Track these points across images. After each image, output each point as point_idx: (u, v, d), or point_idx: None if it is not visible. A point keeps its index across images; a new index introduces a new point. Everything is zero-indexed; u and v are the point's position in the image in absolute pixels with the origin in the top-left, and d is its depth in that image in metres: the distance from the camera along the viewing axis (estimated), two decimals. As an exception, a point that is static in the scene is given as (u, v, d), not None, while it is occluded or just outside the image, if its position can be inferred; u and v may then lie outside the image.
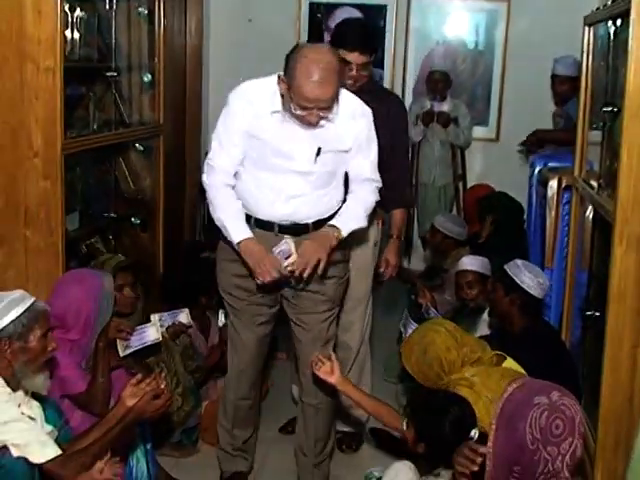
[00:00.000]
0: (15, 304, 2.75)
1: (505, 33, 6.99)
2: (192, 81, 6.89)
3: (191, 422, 4.09)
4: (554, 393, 2.55)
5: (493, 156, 7.13)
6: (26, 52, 3.59)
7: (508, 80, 7.05)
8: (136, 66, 4.82)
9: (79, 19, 4.10)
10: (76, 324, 3.41)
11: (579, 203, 4.36)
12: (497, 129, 7.17)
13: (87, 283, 3.46)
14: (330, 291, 3.54)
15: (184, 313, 4.14)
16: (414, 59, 7.15)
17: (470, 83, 7.17)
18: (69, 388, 3.35)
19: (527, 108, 6.82)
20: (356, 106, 3.38)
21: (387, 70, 7.16)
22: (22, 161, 3.69)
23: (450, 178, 6.89)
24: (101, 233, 4.59)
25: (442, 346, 3.25)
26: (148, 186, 4.93)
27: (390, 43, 7.12)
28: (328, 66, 3.10)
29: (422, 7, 7.05)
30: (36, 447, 2.71)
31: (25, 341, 2.77)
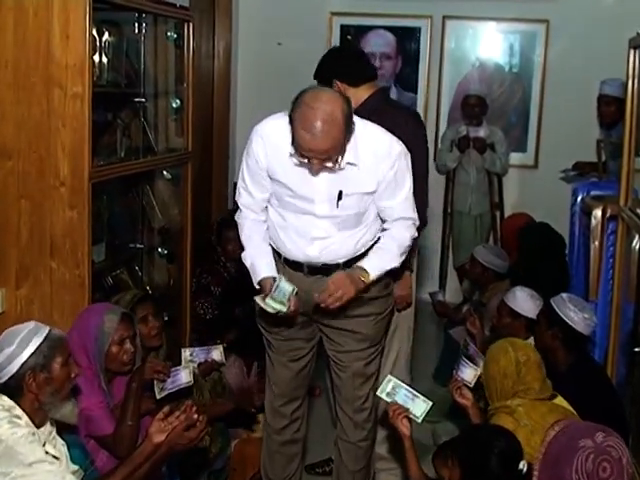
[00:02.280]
0: (32, 335, 2.71)
1: (544, 56, 6.87)
2: (219, 106, 6.83)
3: (219, 464, 3.99)
4: (599, 434, 2.51)
5: (531, 184, 7.01)
6: (54, 78, 3.49)
7: (547, 104, 6.92)
8: (164, 91, 4.73)
9: (107, 43, 4.00)
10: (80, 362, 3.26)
11: (625, 233, 4.26)
12: (535, 155, 7.03)
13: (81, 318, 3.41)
14: (367, 329, 3.44)
15: (218, 350, 4.02)
16: (449, 83, 7.05)
17: (507, 108, 7.05)
18: (96, 429, 3.26)
19: (567, 133, 6.73)
20: (380, 145, 3.18)
21: (421, 95, 7.08)
22: (48, 190, 3.59)
23: (487, 206, 6.75)
24: (127, 264, 4.48)
25: (501, 370, 3.27)
26: (176, 215, 4.82)
27: (424, 67, 7.04)
28: (327, 117, 2.91)
29: (457, 29, 6.96)
30: None
31: (49, 371, 2.72)
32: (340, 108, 2.96)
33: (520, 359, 3.25)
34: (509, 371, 3.23)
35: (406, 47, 7.01)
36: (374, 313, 3.43)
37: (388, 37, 6.99)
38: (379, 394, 3.24)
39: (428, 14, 6.90)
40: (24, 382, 2.66)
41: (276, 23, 6.94)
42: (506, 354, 3.28)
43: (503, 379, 3.24)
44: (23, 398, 2.68)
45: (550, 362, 3.80)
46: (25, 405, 2.69)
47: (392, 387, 3.22)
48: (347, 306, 3.27)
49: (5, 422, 2.61)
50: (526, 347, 3.40)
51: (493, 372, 3.29)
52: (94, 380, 3.30)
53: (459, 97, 6.85)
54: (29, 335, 2.70)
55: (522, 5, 6.79)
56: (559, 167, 6.39)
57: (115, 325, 3.39)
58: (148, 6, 4.15)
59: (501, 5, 6.84)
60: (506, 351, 3.29)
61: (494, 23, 6.96)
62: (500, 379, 3.25)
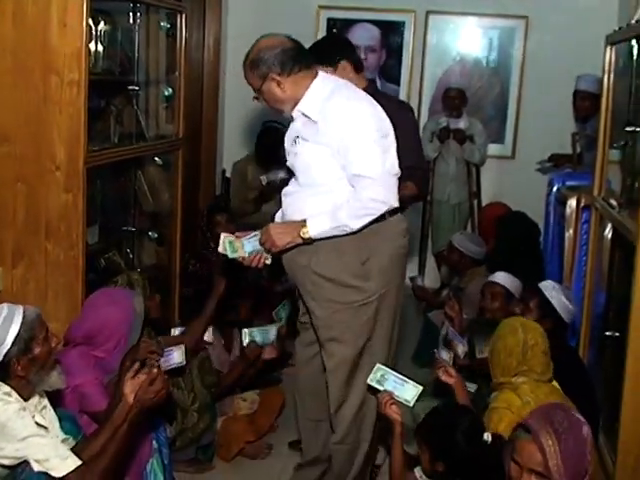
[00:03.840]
0: (9, 323, 2.75)
1: (522, 50, 6.99)
2: (209, 96, 6.91)
3: (207, 439, 4.07)
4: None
5: (509, 174, 7.11)
6: (51, 65, 3.59)
7: (525, 97, 7.05)
8: (157, 80, 4.84)
9: (102, 32, 4.11)
10: (105, 343, 3.45)
11: (598, 222, 4.34)
12: (513, 147, 7.16)
13: (120, 305, 3.49)
14: (321, 314, 3.38)
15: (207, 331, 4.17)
16: (431, 76, 7.16)
17: (486, 101, 7.16)
18: (89, 405, 3.34)
19: (543, 126, 6.83)
20: (339, 107, 3.23)
21: (403, 87, 7.18)
22: (44, 174, 3.68)
23: (465, 196, 6.87)
24: (119, 247, 4.59)
25: (507, 348, 3.27)
26: (166, 200, 4.93)
27: (407, 60, 7.15)
28: (252, 50, 3.29)
29: (439, 24, 7.07)
30: (56, 461, 2.71)
31: (31, 352, 2.78)
32: (257, 49, 3.27)
33: (528, 342, 3.26)
34: (515, 351, 3.24)
35: (390, 40, 7.13)
36: (333, 300, 3.34)
37: (373, 30, 7.10)
38: (369, 382, 3.27)
39: (412, 9, 7.02)
40: (10, 368, 2.74)
41: (265, 15, 7.02)
42: (515, 334, 3.28)
43: (507, 357, 3.25)
44: (10, 379, 2.76)
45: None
46: (12, 383, 2.76)
47: (381, 375, 3.25)
48: (305, 284, 3.36)
49: None
50: (536, 331, 3.35)
51: (499, 348, 3.30)
52: (88, 357, 3.40)
53: (440, 90, 6.96)
54: (6, 324, 2.74)
55: (502, 1, 6.91)
56: (535, 158, 6.51)
57: (143, 307, 3.58)
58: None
59: (482, 1, 6.96)
60: (516, 331, 3.29)
61: (475, 18, 7.07)
62: (504, 356, 3.26)
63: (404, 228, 3.41)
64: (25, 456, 2.70)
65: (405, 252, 3.45)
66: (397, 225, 3.37)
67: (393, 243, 3.35)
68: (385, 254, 3.32)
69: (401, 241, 3.39)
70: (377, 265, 3.30)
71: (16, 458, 2.71)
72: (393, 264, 3.36)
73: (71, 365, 3.27)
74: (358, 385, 3.43)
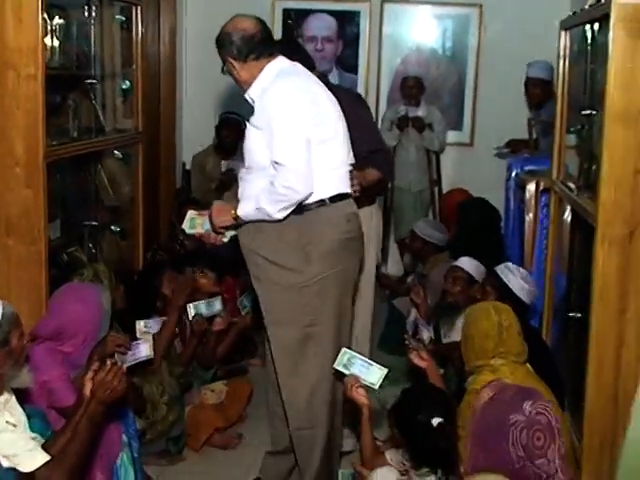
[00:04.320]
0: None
1: (478, 38, 7.05)
2: (166, 89, 6.89)
3: (176, 431, 4.09)
4: (526, 405, 2.57)
5: (468, 160, 7.17)
6: (7, 60, 3.57)
7: (481, 85, 7.11)
8: (114, 73, 4.83)
9: (58, 27, 4.08)
10: (73, 339, 3.42)
11: (557, 205, 4.38)
12: (471, 134, 7.22)
13: (88, 301, 3.48)
14: (266, 296, 3.46)
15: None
16: (388, 65, 7.19)
17: (444, 89, 7.21)
18: (57, 400, 3.33)
19: (501, 112, 6.88)
20: (272, 95, 3.27)
21: (361, 76, 7.21)
22: (3, 170, 3.66)
23: (426, 183, 6.91)
24: (82, 241, 4.56)
25: (483, 332, 3.26)
26: (127, 194, 4.92)
27: (364, 49, 7.17)
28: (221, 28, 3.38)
29: (395, 13, 7.09)
30: (25, 456, 2.71)
31: (9, 346, 2.76)
32: (222, 31, 3.36)
33: (503, 323, 3.27)
34: (491, 333, 3.24)
35: (346, 30, 7.14)
36: (274, 282, 3.39)
37: (329, 20, 7.12)
38: (336, 366, 3.30)
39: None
40: None
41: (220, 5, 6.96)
42: (489, 316, 3.29)
43: (484, 340, 3.25)
44: None
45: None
46: None
47: (348, 359, 3.29)
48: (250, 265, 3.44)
49: None
50: (508, 312, 3.38)
51: (473, 332, 3.30)
52: (56, 353, 3.39)
53: (398, 79, 7.00)
54: None
55: (457, -11, 6.97)
56: (494, 145, 6.55)
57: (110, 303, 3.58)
58: (97, -11, 4.25)
59: (437, -11, 7.02)
60: (489, 313, 3.31)
61: (430, 7, 7.12)
62: (480, 339, 3.26)
63: (349, 213, 3.42)
64: None
65: (351, 237, 3.42)
66: (340, 210, 3.38)
67: (335, 228, 3.36)
68: (326, 239, 3.34)
69: (345, 226, 3.39)
70: (317, 249, 3.33)
71: None
72: (335, 249, 3.36)
73: (39, 361, 3.27)
74: (306, 372, 3.44)
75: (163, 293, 4.34)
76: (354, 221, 3.44)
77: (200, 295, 4.44)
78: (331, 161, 3.35)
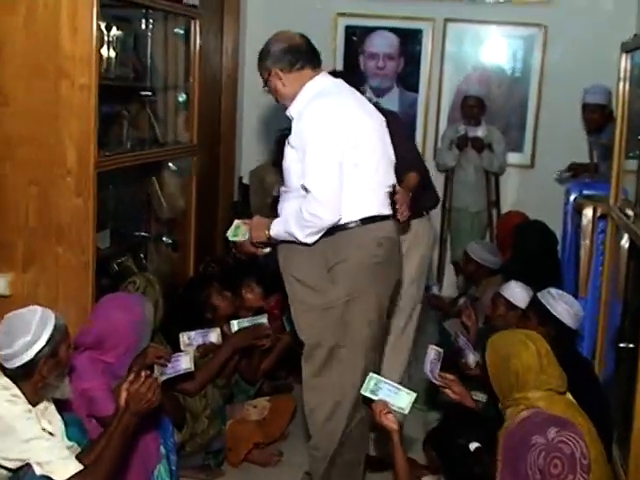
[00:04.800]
0: (44, 324, 2.78)
1: (541, 59, 6.93)
2: (227, 102, 6.93)
3: (216, 445, 4.08)
4: (551, 430, 2.51)
5: (528, 183, 7.06)
6: (62, 68, 3.61)
7: (544, 106, 6.98)
8: (172, 86, 4.87)
9: (115, 38, 4.12)
10: (114, 349, 3.43)
11: (614, 232, 4.31)
12: (532, 156, 7.09)
13: (130, 311, 3.47)
14: (295, 315, 3.45)
15: (215, 332, 4.13)
16: (449, 84, 7.12)
17: (505, 109, 7.10)
18: (97, 409, 3.34)
19: (563, 135, 6.78)
20: (304, 116, 3.27)
21: (422, 95, 7.15)
22: (56, 178, 3.69)
23: (484, 204, 6.83)
24: (133, 252, 4.59)
25: (525, 364, 3.14)
26: (181, 206, 4.94)
27: (425, 68, 7.11)
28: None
29: (458, 32, 7.03)
30: (58, 465, 2.72)
31: (57, 356, 2.82)
32: (266, 43, 3.40)
33: (541, 351, 3.18)
34: (533, 363, 3.13)
35: (408, 48, 7.10)
36: (302, 301, 3.40)
37: (391, 38, 7.08)
38: (363, 392, 3.26)
39: (430, 17, 6.98)
40: (36, 368, 2.76)
41: (282, 22, 6.95)
42: (527, 347, 3.17)
43: (527, 372, 3.12)
44: (29, 380, 2.78)
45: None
46: (28, 386, 2.78)
47: (374, 384, 3.25)
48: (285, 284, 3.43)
49: (3, 400, 2.71)
50: (541, 339, 3.28)
51: (515, 367, 3.14)
52: (97, 362, 3.40)
53: (459, 98, 6.93)
54: (42, 324, 2.77)
55: (521, 10, 6.87)
56: (554, 167, 6.46)
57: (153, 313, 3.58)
58: (156, 3, 4.28)
59: (501, 9, 6.93)
60: (526, 344, 3.19)
61: (494, 26, 7.02)
62: (523, 373, 3.13)
63: (382, 236, 3.34)
64: (28, 458, 2.70)
65: (381, 261, 3.34)
66: (372, 233, 3.32)
67: (364, 251, 3.30)
68: (353, 261, 3.29)
69: (374, 250, 3.31)
70: (343, 271, 3.29)
71: (19, 460, 2.71)
72: (362, 272, 3.30)
73: (80, 369, 3.29)
74: (326, 392, 3.42)
75: (213, 304, 4.32)
76: (386, 245, 3.35)
77: (245, 310, 4.43)
78: (366, 183, 3.30)
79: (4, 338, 2.77)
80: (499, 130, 6.84)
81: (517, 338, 3.27)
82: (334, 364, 3.38)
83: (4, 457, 2.70)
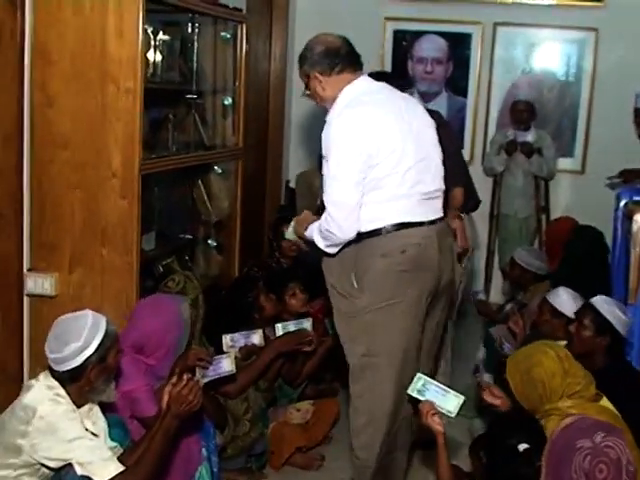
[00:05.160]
0: (95, 330, 2.82)
1: (593, 63, 6.86)
2: (275, 106, 6.94)
3: (258, 448, 4.07)
4: (598, 435, 2.47)
5: (578, 188, 7.00)
6: (108, 72, 3.65)
7: (595, 111, 6.91)
8: (218, 89, 4.88)
9: (162, 42, 4.15)
10: (156, 352, 3.45)
11: (664, 238, 4.21)
12: (583, 161, 7.02)
13: (165, 314, 3.49)
14: (334, 320, 3.49)
15: (257, 334, 4.13)
16: (498, 88, 7.06)
17: (556, 114, 7.03)
18: (140, 410, 3.36)
19: (614, 140, 6.71)
20: (335, 116, 3.27)
21: (471, 99, 7.11)
22: (102, 180, 3.73)
23: (533, 210, 6.75)
24: (178, 254, 4.61)
25: (548, 371, 3.14)
26: (226, 209, 4.96)
27: (474, 72, 7.07)
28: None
29: (508, 36, 6.98)
30: (99, 465, 2.74)
31: (106, 362, 2.86)
32: (305, 46, 3.42)
33: (560, 354, 3.18)
34: (556, 368, 3.13)
35: (457, 52, 7.06)
36: (335, 307, 3.41)
37: (440, 42, 7.05)
38: (410, 392, 3.23)
39: (479, 20, 6.94)
40: (84, 373, 2.80)
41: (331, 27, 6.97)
42: (546, 354, 3.18)
43: (551, 379, 3.13)
44: (76, 384, 2.82)
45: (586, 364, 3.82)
46: (74, 389, 2.82)
47: (422, 384, 3.22)
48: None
49: (47, 399, 2.76)
50: (557, 344, 3.32)
51: (539, 375, 3.15)
52: (140, 363, 3.42)
53: (508, 102, 6.87)
54: (93, 330, 2.80)
55: (572, 13, 6.80)
56: (605, 173, 6.35)
57: (189, 313, 3.58)
58: (202, 7, 4.30)
59: (551, 12, 6.85)
60: (545, 351, 3.20)
61: (544, 30, 6.95)
62: (548, 380, 3.13)
63: (408, 243, 3.28)
64: (70, 458, 2.74)
65: (407, 269, 3.28)
66: (398, 240, 3.27)
67: (388, 259, 3.26)
68: (378, 270, 3.26)
69: (398, 257, 3.26)
70: (368, 280, 3.27)
71: (62, 460, 2.75)
72: (387, 281, 3.27)
73: (123, 371, 3.29)
74: (360, 399, 3.41)
75: (260, 305, 4.32)
76: (412, 252, 3.28)
77: (288, 315, 4.43)
78: (395, 190, 3.25)
79: (55, 342, 2.80)
80: (549, 135, 6.76)
81: (535, 348, 3.27)
82: (367, 373, 3.37)
83: (46, 456, 2.74)
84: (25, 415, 2.73)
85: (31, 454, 2.72)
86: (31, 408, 2.73)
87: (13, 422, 2.75)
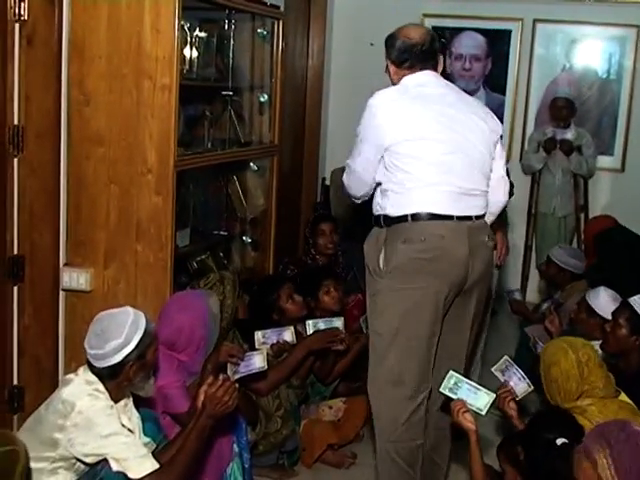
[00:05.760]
0: (135, 328, 2.83)
1: (634, 60, 6.77)
2: (312, 104, 6.93)
3: (290, 445, 4.07)
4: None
5: (618, 187, 6.91)
6: (144, 69, 3.66)
7: (635, 109, 6.81)
8: (255, 86, 4.88)
9: (198, 39, 4.16)
10: (187, 348, 3.48)
11: None
12: (623, 159, 6.93)
13: (193, 310, 3.51)
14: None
15: (289, 331, 4.10)
16: (537, 86, 6.99)
17: (596, 111, 6.95)
18: (172, 406, 3.38)
19: (655, 138, 6.59)
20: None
21: (509, 96, 7.05)
22: (136, 176, 3.75)
23: (571, 208, 6.68)
24: (213, 250, 4.62)
25: (564, 373, 3.19)
26: (261, 206, 4.96)
27: (513, 69, 7.01)
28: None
29: (547, 33, 6.90)
30: (135, 462, 2.76)
31: (144, 359, 2.88)
32: (394, 33, 3.45)
33: (581, 359, 3.20)
34: (572, 373, 3.18)
35: (496, 49, 7.00)
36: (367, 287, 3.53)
37: (478, 39, 7.00)
38: (442, 390, 3.23)
39: (519, 17, 6.88)
40: (123, 369, 2.82)
41: (369, 24, 7.01)
42: (566, 355, 3.22)
43: (566, 382, 3.19)
44: (115, 380, 2.84)
45: (620, 364, 3.78)
46: (113, 384, 2.84)
47: (454, 382, 3.21)
48: None
49: (85, 394, 2.78)
50: (585, 346, 3.31)
51: (555, 375, 3.22)
52: (172, 359, 3.44)
53: (547, 99, 6.81)
54: (133, 328, 2.82)
55: (613, 9, 6.71)
56: (647, 172, 6.32)
57: (218, 307, 3.61)
58: (239, 4, 4.30)
59: (591, 9, 6.77)
60: (566, 352, 3.23)
61: (584, 27, 6.86)
62: (562, 381, 3.20)
63: (425, 233, 3.29)
64: (106, 454, 2.76)
65: (429, 257, 3.29)
66: (422, 228, 3.29)
67: (409, 246, 3.28)
68: (399, 255, 3.30)
69: (417, 245, 3.28)
70: (389, 264, 3.32)
71: (97, 455, 2.77)
72: (406, 266, 3.29)
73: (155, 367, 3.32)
74: (374, 384, 3.43)
75: (280, 307, 4.30)
76: (433, 241, 3.29)
77: (322, 312, 4.42)
78: (423, 178, 3.29)
79: (96, 339, 2.82)
80: (589, 133, 6.69)
81: (559, 346, 3.31)
82: (373, 351, 3.44)
83: (82, 452, 2.76)
84: (64, 409, 2.75)
85: (67, 448, 2.75)
86: (70, 402, 2.75)
87: (50, 416, 2.77)
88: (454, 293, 3.36)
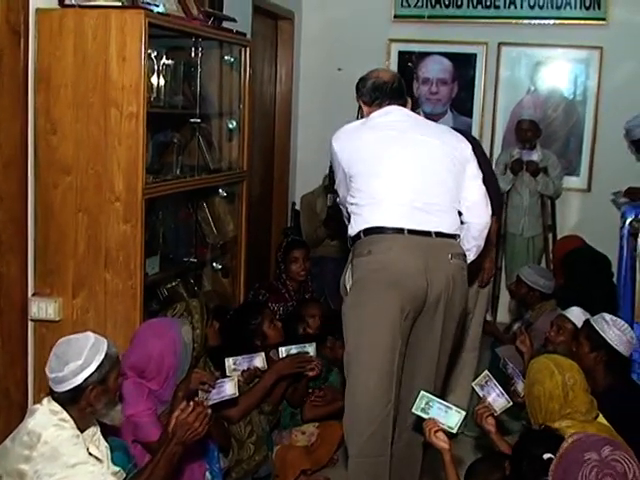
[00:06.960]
0: (95, 351, 2.81)
1: (597, 82, 6.85)
2: (281, 129, 6.98)
3: (263, 471, 4.05)
4: (606, 448, 2.48)
5: (585, 207, 6.99)
6: (110, 98, 3.66)
7: (600, 129, 6.89)
8: (223, 113, 4.90)
9: (165, 66, 4.17)
10: (157, 376, 3.45)
11: (670, 257, 4.20)
12: (589, 179, 7.00)
13: (164, 337, 3.48)
14: None
15: (260, 357, 4.12)
16: (503, 108, 7.07)
17: (562, 132, 7.02)
18: (142, 435, 3.36)
19: (620, 158, 6.69)
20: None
21: (476, 119, 7.12)
22: (104, 204, 3.74)
23: (540, 229, 6.73)
24: (183, 277, 4.61)
25: (547, 393, 3.21)
26: (231, 231, 4.96)
27: (479, 92, 7.09)
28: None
29: (512, 56, 6.99)
30: None
31: (106, 384, 2.84)
32: (364, 76, 3.70)
33: (567, 382, 3.21)
34: (555, 394, 3.19)
35: (462, 73, 7.07)
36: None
37: (445, 63, 7.08)
38: (414, 411, 3.26)
39: (484, 41, 6.96)
40: (83, 394, 2.79)
41: (336, 49, 7.07)
42: (552, 376, 3.22)
43: (549, 402, 3.19)
44: (76, 405, 2.80)
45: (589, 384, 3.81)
46: (75, 411, 2.81)
47: (426, 402, 3.24)
48: None
49: (51, 425, 2.74)
50: (572, 368, 3.32)
51: (538, 393, 3.24)
52: (142, 387, 3.42)
53: (513, 121, 6.86)
54: (93, 351, 2.80)
55: (576, 32, 6.79)
56: (611, 191, 6.34)
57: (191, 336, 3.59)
58: (206, 32, 4.32)
59: (555, 32, 6.85)
60: (552, 373, 3.24)
61: (549, 49, 6.94)
62: (545, 401, 3.21)
63: (372, 245, 3.41)
64: None
65: (372, 268, 3.41)
66: (364, 244, 3.43)
67: (358, 259, 3.45)
68: (355, 270, 3.47)
69: (365, 257, 3.42)
70: (352, 279, 3.48)
71: None
72: (361, 282, 3.42)
73: (126, 395, 3.30)
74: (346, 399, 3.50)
75: (263, 332, 4.32)
76: (378, 253, 3.39)
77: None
78: (374, 195, 3.44)
79: (56, 361, 2.80)
80: (554, 154, 6.75)
81: (545, 365, 3.30)
82: (347, 370, 3.51)
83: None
84: (29, 440, 2.72)
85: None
86: (36, 433, 2.72)
87: (17, 447, 2.73)
88: (414, 308, 3.38)
